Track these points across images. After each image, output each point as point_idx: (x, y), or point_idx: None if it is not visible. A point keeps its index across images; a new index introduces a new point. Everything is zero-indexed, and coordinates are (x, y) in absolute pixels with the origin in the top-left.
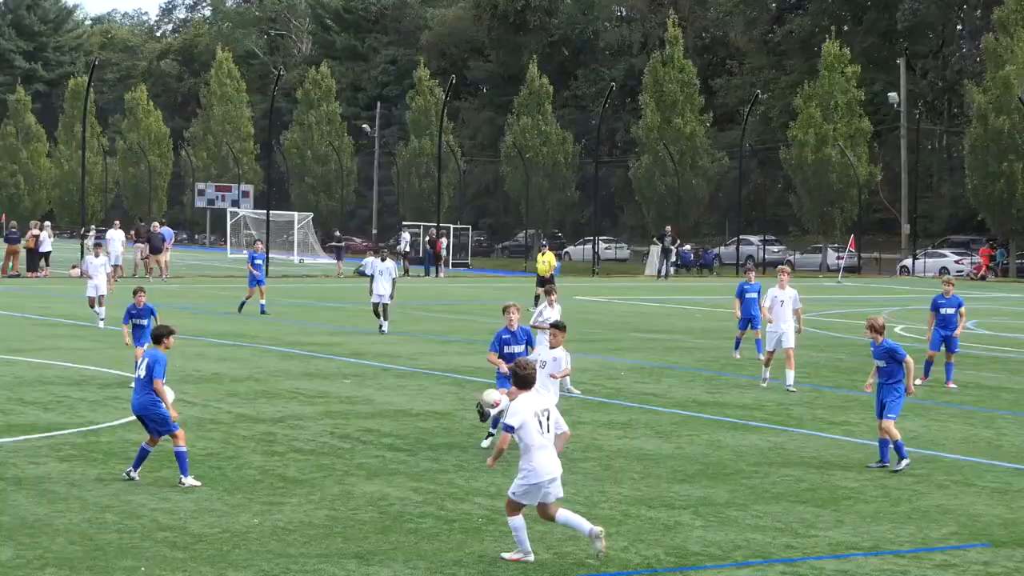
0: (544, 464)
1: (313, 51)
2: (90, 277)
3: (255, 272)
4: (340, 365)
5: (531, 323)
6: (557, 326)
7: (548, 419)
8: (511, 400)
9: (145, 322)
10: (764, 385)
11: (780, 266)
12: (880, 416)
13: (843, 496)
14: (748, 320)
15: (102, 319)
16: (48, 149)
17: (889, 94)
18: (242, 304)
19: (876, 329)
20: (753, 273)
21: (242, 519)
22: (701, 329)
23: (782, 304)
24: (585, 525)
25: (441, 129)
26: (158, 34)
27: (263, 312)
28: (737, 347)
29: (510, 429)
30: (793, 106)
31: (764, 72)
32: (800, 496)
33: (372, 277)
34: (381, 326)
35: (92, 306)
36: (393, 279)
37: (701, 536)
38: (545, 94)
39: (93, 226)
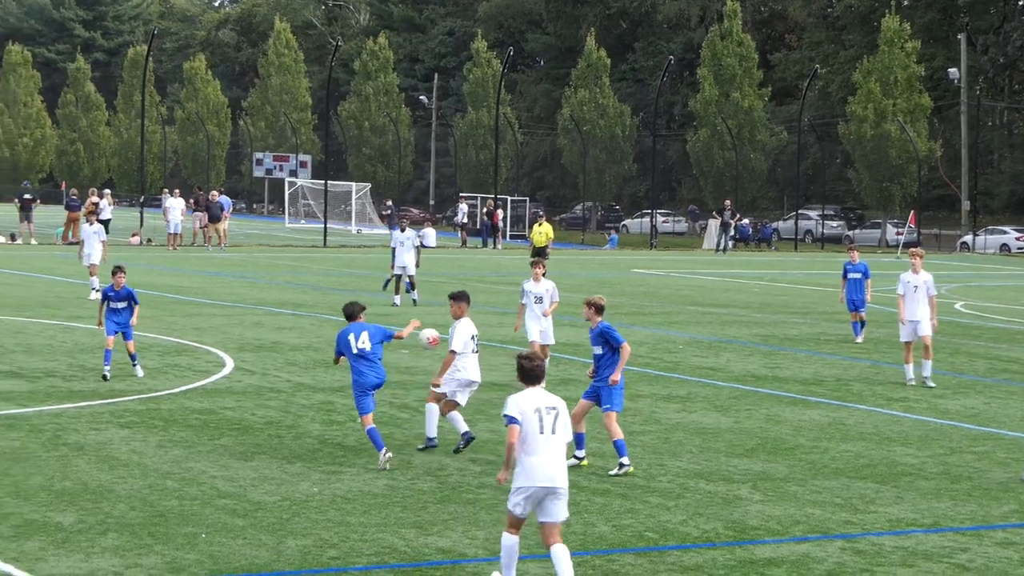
0: (538, 469)
1: (371, 22)
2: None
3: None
4: None
5: (521, 301)
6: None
7: (555, 418)
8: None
9: (123, 305)
10: (911, 383)
11: (912, 249)
12: None
13: (903, 472)
14: (852, 302)
15: (96, 289)
16: (107, 117)
17: (949, 70)
18: (387, 282)
19: None
20: (856, 253)
21: (301, 487)
22: (759, 303)
23: (916, 290)
24: None
25: (498, 101)
26: (216, 4)
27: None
28: (856, 332)
29: (513, 421)
30: (852, 81)
31: (823, 47)
32: (859, 472)
33: (393, 249)
34: (395, 301)
35: (93, 274)
36: (416, 247)
37: (760, 511)
38: (603, 66)
39: (166, 190)
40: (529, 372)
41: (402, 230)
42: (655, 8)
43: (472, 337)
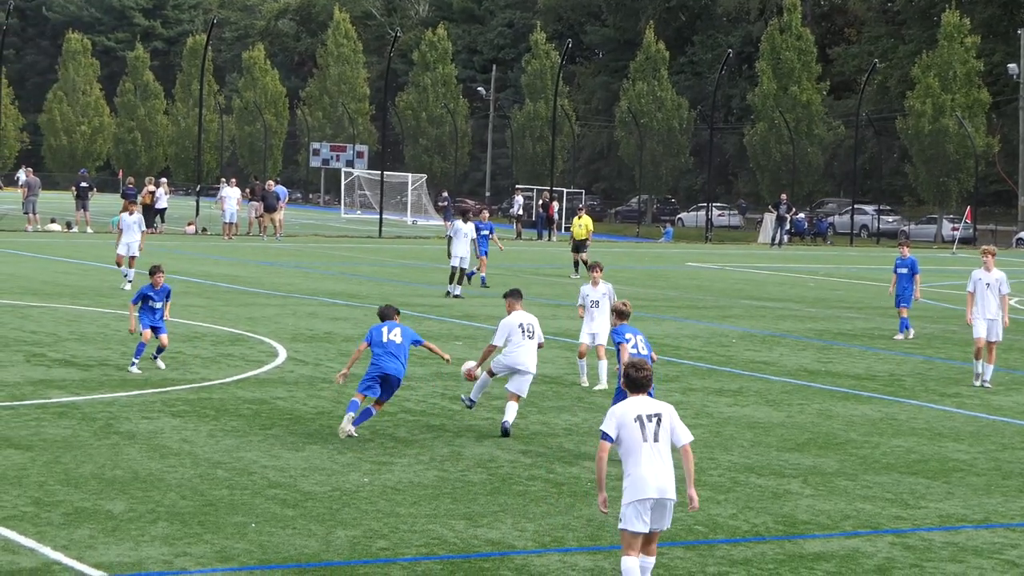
0: (648, 480)
1: (430, 13)
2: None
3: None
4: (451, 327)
5: (578, 304)
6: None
7: (658, 425)
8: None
9: (160, 304)
10: (977, 384)
11: (985, 246)
12: None
13: (954, 468)
14: (898, 297)
15: (130, 280)
16: (165, 106)
17: (1009, 65)
18: (480, 278)
19: None
20: (906, 248)
21: (352, 478)
22: (813, 298)
23: (988, 287)
24: None
25: (556, 93)
26: None
27: (483, 284)
28: (901, 328)
29: (607, 438)
30: (911, 76)
31: (882, 41)
32: (910, 467)
33: (450, 239)
34: (449, 291)
35: (119, 264)
36: (472, 239)
37: (810, 505)
38: (661, 59)
39: (222, 179)
40: (635, 381)
41: (465, 220)
42: (714, 1)
43: (520, 325)
